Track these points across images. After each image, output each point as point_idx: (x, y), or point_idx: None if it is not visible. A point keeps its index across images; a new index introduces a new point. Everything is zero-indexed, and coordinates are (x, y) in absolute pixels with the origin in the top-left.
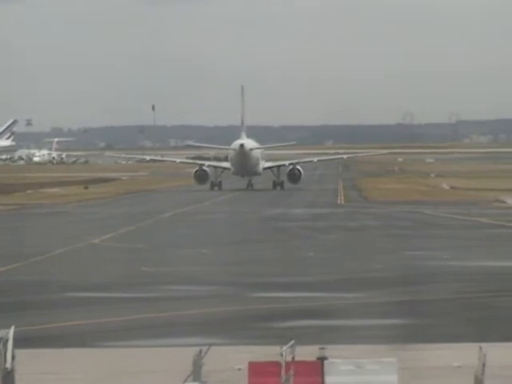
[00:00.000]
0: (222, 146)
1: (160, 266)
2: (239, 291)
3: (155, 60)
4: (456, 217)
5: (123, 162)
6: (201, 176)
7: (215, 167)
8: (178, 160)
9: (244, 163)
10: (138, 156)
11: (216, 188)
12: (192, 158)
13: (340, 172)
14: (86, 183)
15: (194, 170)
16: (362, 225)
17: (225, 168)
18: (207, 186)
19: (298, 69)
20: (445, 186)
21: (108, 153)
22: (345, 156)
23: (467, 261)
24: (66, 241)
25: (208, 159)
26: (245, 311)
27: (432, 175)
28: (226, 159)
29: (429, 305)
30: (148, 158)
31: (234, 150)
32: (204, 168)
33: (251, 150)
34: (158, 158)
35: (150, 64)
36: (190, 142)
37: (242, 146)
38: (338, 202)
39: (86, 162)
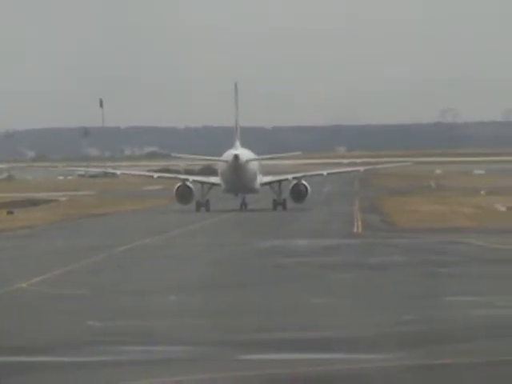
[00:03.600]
0: (209, 157)
1: (112, 319)
2: (221, 352)
3: (103, 41)
4: None
5: (60, 177)
6: (184, 194)
7: (202, 183)
8: (155, 175)
9: (238, 178)
10: (107, 170)
11: (203, 208)
12: (158, 171)
13: (356, 189)
14: (11, 207)
15: (176, 186)
16: (386, 261)
17: (213, 184)
18: (191, 205)
19: (294, 53)
20: (499, 206)
21: (61, 165)
22: (361, 168)
23: None
24: None
25: (177, 172)
26: (230, 380)
27: (482, 192)
28: (201, 172)
29: (476, 369)
30: (119, 172)
31: (226, 162)
32: (188, 184)
33: (247, 161)
34: (134, 171)
35: (96, 47)
36: (175, 154)
37: (236, 157)
38: (354, 229)
39: (10, 177)
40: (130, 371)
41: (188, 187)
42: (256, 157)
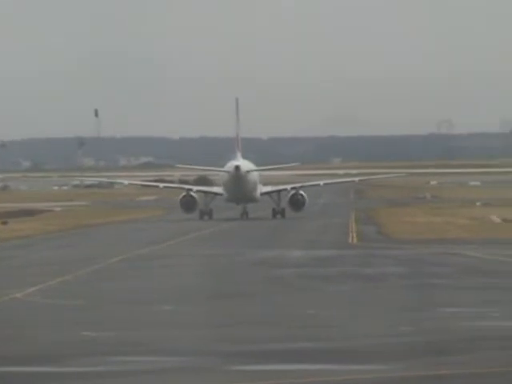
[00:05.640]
0: (211, 168)
1: (107, 330)
2: (215, 363)
3: (98, 53)
4: (511, 260)
5: (55, 188)
6: (189, 203)
7: (205, 193)
8: (161, 185)
9: (239, 188)
10: (113, 180)
11: (206, 217)
12: (155, 181)
13: (352, 199)
14: (5, 217)
15: (181, 195)
16: (382, 272)
17: (216, 193)
18: (194, 214)
19: (291, 66)
20: (495, 218)
21: (56, 175)
22: (356, 179)
23: None
24: None
25: (171, 182)
26: None
27: (477, 204)
28: (196, 182)
29: (470, 380)
30: (126, 182)
31: (228, 172)
32: (192, 194)
33: (248, 172)
34: (140, 182)
35: (90, 58)
36: (180, 164)
37: (237, 168)
38: (350, 240)
39: (5, 187)
40: (123, 382)
41: (192, 197)
42: (256, 168)
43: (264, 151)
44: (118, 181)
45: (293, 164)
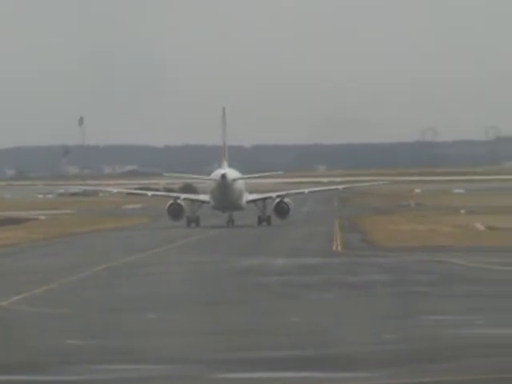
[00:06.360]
0: (198, 176)
1: (91, 338)
2: (201, 371)
3: (83, 59)
4: (495, 268)
5: (40, 196)
6: (176, 211)
7: (192, 200)
8: (149, 193)
9: (226, 196)
10: (104, 188)
11: (193, 224)
12: (140, 189)
13: (336, 207)
14: None
15: (168, 203)
16: (366, 280)
17: (203, 201)
18: (181, 222)
19: (274, 71)
20: (479, 225)
21: (40, 183)
22: (340, 187)
23: (509, 328)
24: None
25: (156, 190)
26: None
27: (462, 211)
28: (181, 190)
29: None
30: (115, 190)
31: (215, 181)
32: (179, 202)
33: (234, 180)
34: (127, 190)
35: (75, 65)
36: (168, 173)
37: (223, 176)
38: (334, 248)
39: None
40: None
41: (179, 204)
42: (242, 176)
43: (248, 159)
44: (107, 189)
45: (277, 172)
